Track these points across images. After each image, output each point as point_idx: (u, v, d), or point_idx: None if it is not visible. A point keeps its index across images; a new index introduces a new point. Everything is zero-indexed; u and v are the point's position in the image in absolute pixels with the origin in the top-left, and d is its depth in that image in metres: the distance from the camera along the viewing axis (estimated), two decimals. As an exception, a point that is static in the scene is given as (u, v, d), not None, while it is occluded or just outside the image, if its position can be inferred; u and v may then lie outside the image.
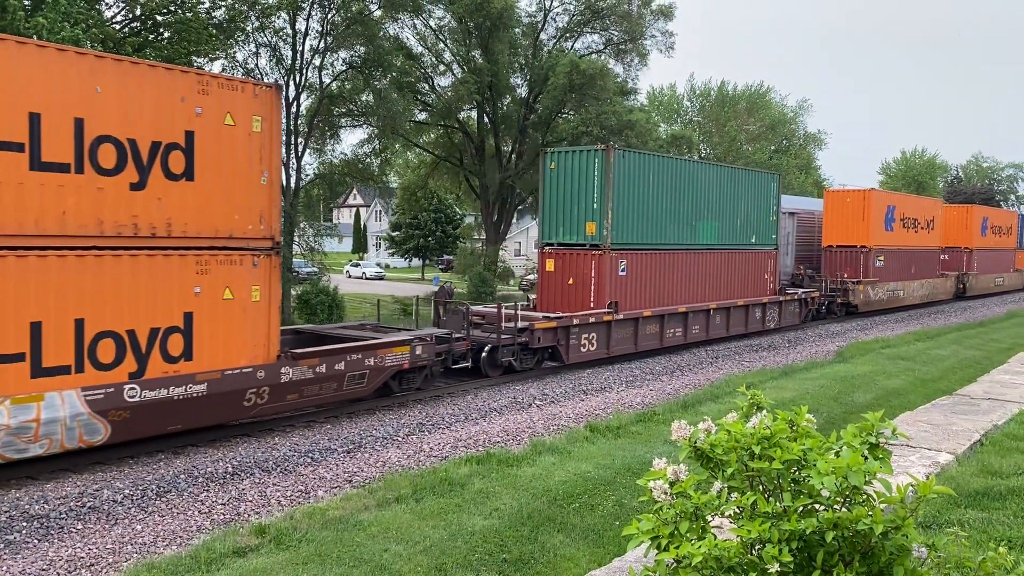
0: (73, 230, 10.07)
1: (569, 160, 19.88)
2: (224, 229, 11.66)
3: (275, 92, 12.28)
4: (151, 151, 10.78)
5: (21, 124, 9.58)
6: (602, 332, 19.26)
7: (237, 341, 11.84)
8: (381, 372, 14.16)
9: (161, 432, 11.27)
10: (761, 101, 57.83)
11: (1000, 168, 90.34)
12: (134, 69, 10.68)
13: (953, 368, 19.31)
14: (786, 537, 3.28)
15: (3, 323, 9.46)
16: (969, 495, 7.50)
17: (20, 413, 9.53)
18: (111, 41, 21.08)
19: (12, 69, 9.48)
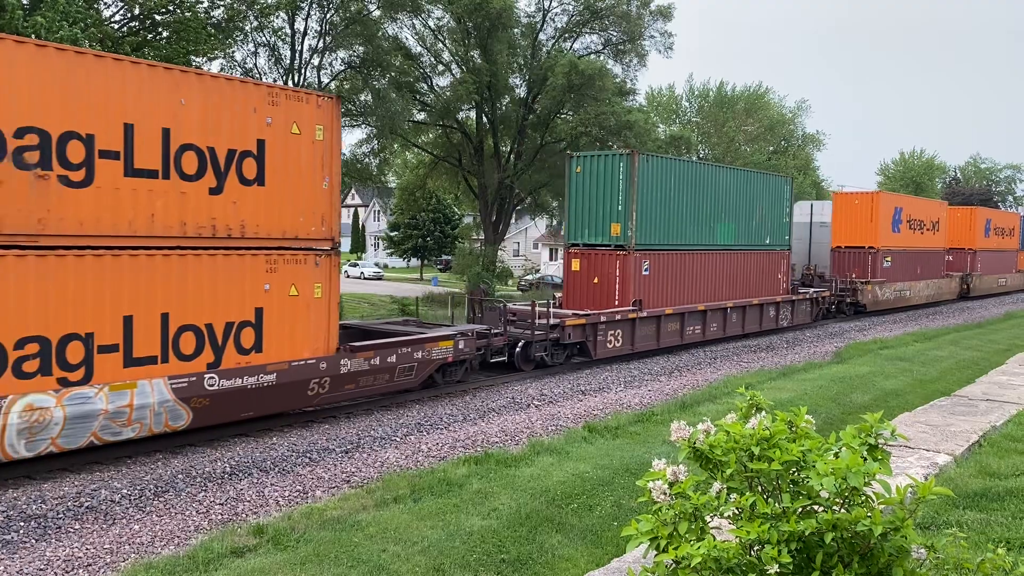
0: (160, 231, 10.96)
1: (595, 164, 20.68)
2: (291, 230, 12.58)
3: (335, 103, 13.23)
4: (227, 158, 11.68)
5: (118, 134, 10.47)
6: (627, 329, 20.05)
7: (301, 335, 12.79)
8: (428, 365, 15.04)
9: (234, 419, 12.10)
10: (760, 102, 57.85)
11: (998, 169, 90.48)
12: (214, 82, 11.63)
13: (951, 369, 19.32)
14: (785, 538, 3.28)
15: (101, 316, 10.38)
16: (968, 496, 7.50)
17: (116, 399, 10.47)
18: (109, 40, 21.06)
19: (111, 84, 10.38)
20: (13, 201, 9.55)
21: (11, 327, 9.59)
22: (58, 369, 10.02)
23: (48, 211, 9.87)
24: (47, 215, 9.87)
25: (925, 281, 36.15)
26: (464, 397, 15.74)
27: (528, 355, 18.13)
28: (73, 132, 10.08)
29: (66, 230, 10.04)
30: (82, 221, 10.17)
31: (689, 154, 46.08)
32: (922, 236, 36.05)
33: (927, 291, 36.43)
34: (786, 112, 61.28)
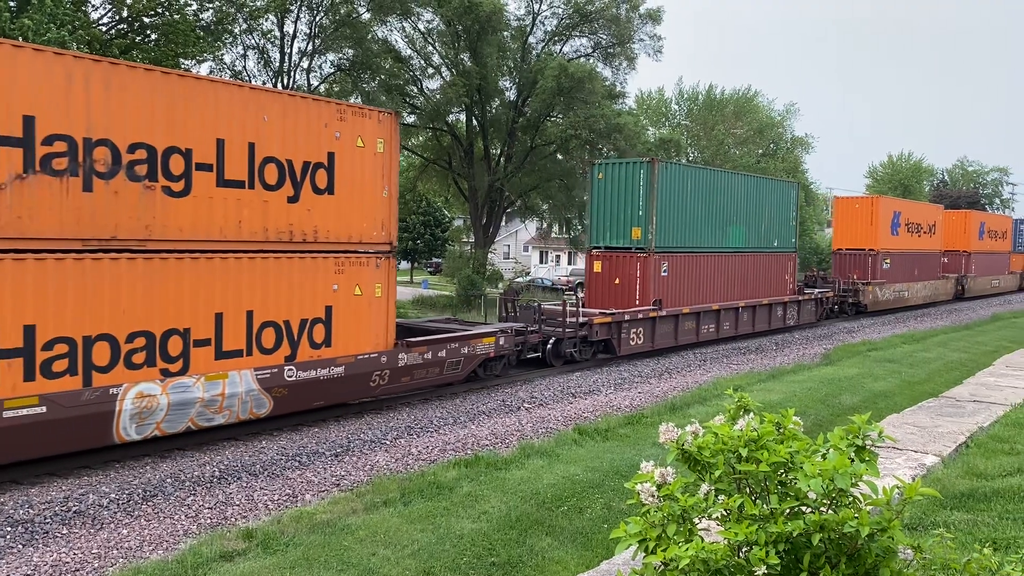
0: (246, 236, 12.05)
1: (616, 171, 21.86)
2: (356, 235, 13.71)
3: (393, 118, 14.32)
4: (303, 169, 12.79)
5: (211, 149, 11.56)
6: (648, 327, 21.07)
7: (365, 331, 13.89)
8: (473, 360, 16.14)
9: (307, 407, 13.17)
10: (749, 105, 58.01)
11: (985, 172, 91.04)
12: (291, 100, 12.77)
13: (939, 370, 19.42)
14: (773, 539, 3.29)
15: (196, 314, 11.46)
16: (955, 497, 7.55)
17: (211, 388, 11.60)
18: (97, 43, 20.96)
19: (206, 103, 11.45)
20: (126, 210, 10.64)
21: (123, 323, 10.68)
22: (161, 361, 11.11)
23: (154, 218, 10.94)
24: (153, 222, 10.93)
25: (922, 282, 37.28)
26: (454, 400, 15.73)
27: (559, 351, 19.14)
28: (175, 147, 11.13)
29: (168, 236, 11.11)
30: (181, 227, 11.25)
31: (679, 157, 46.19)
32: (919, 239, 37.16)
33: (924, 292, 37.55)
34: (775, 115, 61.50)
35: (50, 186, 9.95)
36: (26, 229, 9.76)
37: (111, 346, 10.56)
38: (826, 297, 30.31)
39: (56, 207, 10.02)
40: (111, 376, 10.56)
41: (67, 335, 10.14)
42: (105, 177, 10.44)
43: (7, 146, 9.56)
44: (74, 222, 10.19)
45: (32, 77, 9.76)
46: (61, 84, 9.99)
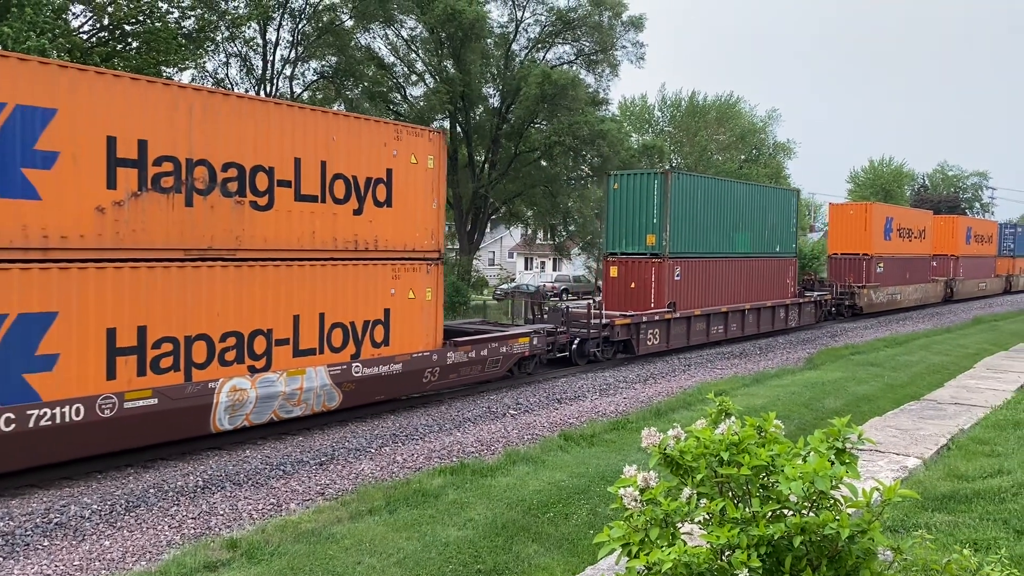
0: (319, 245, 13.28)
1: (631, 181, 23.17)
2: (409, 244, 14.94)
3: (442, 137, 15.68)
4: (365, 184, 14.03)
5: (290, 166, 12.79)
6: (663, 328, 22.36)
7: (417, 331, 15.13)
8: (510, 358, 17.43)
9: (370, 401, 14.45)
10: (731, 111, 58.39)
11: (965, 176, 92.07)
12: (356, 122, 14.06)
13: (921, 374, 19.58)
14: (755, 543, 3.31)
15: (277, 316, 12.67)
16: (936, 499, 7.61)
17: (291, 383, 12.79)
18: (78, 51, 20.84)
19: (284, 124, 12.74)
20: (220, 222, 11.84)
21: (217, 324, 11.85)
22: (248, 359, 12.29)
23: (243, 230, 12.14)
24: (242, 233, 12.13)
25: (914, 285, 38.68)
26: (440, 407, 15.70)
27: (584, 351, 20.27)
28: (260, 166, 12.35)
29: (254, 245, 12.32)
30: (265, 238, 12.47)
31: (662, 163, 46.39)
32: (910, 244, 38.60)
33: (916, 295, 38.97)
34: (757, 121, 61.93)
35: (159, 202, 11.15)
36: (140, 240, 10.94)
37: (207, 345, 11.77)
38: (824, 300, 31.61)
39: (164, 220, 11.21)
40: (207, 372, 11.76)
41: (172, 335, 11.35)
42: (203, 193, 11.67)
43: (125, 167, 10.75)
44: (178, 234, 11.37)
45: (145, 105, 10.94)
46: (168, 111, 11.20)
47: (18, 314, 9.76)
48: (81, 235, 10.32)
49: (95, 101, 10.43)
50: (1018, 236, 57.21)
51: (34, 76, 9.92)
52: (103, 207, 10.53)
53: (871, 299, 34.23)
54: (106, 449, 10.82)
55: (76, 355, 10.31)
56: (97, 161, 10.49)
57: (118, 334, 10.71)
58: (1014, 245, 56.21)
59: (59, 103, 10.08)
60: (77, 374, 10.33)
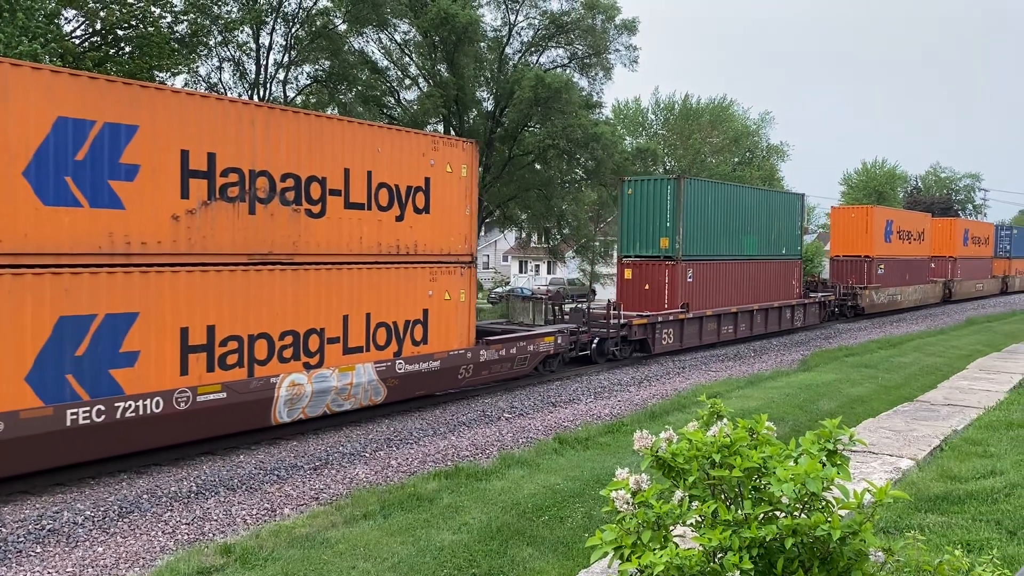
0: (365, 250, 14.20)
1: (645, 187, 24.13)
2: (445, 248, 15.85)
3: (474, 147, 16.63)
4: (406, 193, 14.95)
5: (340, 177, 13.69)
6: (677, 328, 23.21)
7: (453, 330, 16.03)
8: (537, 356, 18.32)
9: (411, 396, 15.26)
10: (724, 114, 58.48)
11: (957, 178, 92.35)
12: (397, 134, 15.02)
13: (915, 375, 19.63)
14: (747, 544, 3.32)
15: (329, 316, 13.53)
16: (929, 500, 7.63)
17: (343, 378, 13.71)
18: (70, 56, 20.79)
19: (335, 137, 13.62)
20: (279, 229, 12.73)
21: (276, 323, 12.73)
22: (303, 356, 13.16)
23: (299, 236, 13.04)
24: (298, 239, 13.03)
25: (913, 286, 39.67)
26: (434, 411, 15.68)
27: (603, 350, 21.14)
28: (314, 176, 13.24)
29: (309, 250, 13.21)
30: (319, 243, 13.34)
31: (656, 166, 46.47)
32: (910, 246, 39.62)
33: (915, 295, 39.98)
34: (750, 124, 62.06)
35: (226, 210, 12.01)
36: (209, 246, 11.80)
37: (268, 343, 12.66)
38: (828, 300, 32.59)
39: (230, 227, 12.06)
40: (268, 368, 12.65)
41: (237, 334, 12.22)
42: (264, 202, 12.54)
43: (197, 178, 11.60)
44: (242, 240, 12.26)
45: (213, 120, 11.79)
46: (233, 125, 12.08)
47: (105, 314, 10.62)
48: (159, 241, 11.20)
49: (170, 117, 11.28)
50: (1014, 238, 58.38)
51: (119, 95, 10.73)
52: (178, 215, 11.45)
53: (872, 300, 35.08)
54: (181, 439, 11.66)
55: (154, 352, 11.19)
56: (172, 173, 11.36)
57: (190, 333, 11.60)
58: (1010, 246, 57.35)
59: (140, 120, 10.92)
60: (155, 370, 11.20)
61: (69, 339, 10.26)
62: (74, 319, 10.29)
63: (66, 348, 10.25)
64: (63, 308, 10.19)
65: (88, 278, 10.41)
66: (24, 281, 9.86)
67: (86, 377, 10.44)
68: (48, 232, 10.06)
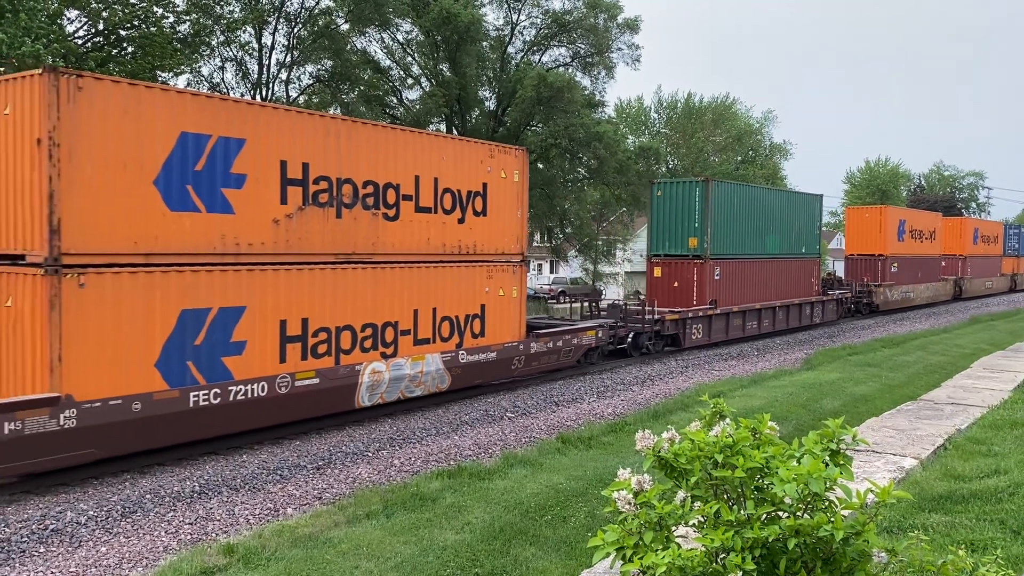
0: (432, 250, 15.51)
1: (674, 189, 25.37)
2: (500, 248, 17.19)
3: (525, 153, 18.01)
4: (467, 197, 16.24)
5: (411, 183, 14.97)
6: (706, 324, 24.40)
7: (506, 324, 17.34)
8: (580, 349, 19.48)
9: (471, 385, 16.66)
10: (727, 112, 58.37)
11: (961, 176, 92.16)
12: (460, 143, 16.47)
13: (919, 374, 19.59)
14: (749, 545, 3.30)
15: (401, 310, 14.87)
16: (933, 499, 7.61)
17: (415, 367, 15.03)
18: (73, 56, 20.81)
19: (407, 147, 14.91)
20: (360, 231, 14.04)
21: (358, 317, 14.06)
22: (380, 346, 14.49)
23: (377, 238, 14.36)
24: (377, 240, 14.35)
25: (925, 284, 40.86)
26: (437, 410, 15.68)
27: (638, 344, 22.30)
28: (390, 183, 14.54)
29: (385, 250, 14.55)
30: (393, 244, 14.67)
31: (658, 165, 46.39)
32: (922, 244, 40.71)
33: (927, 293, 41.20)
34: (753, 122, 61.95)
35: (317, 215, 13.33)
36: (303, 247, 13.12)
37: (351, 334, 13.95)
38: (845, 297, 33.79)
39: (320, 230, 13.38)
40: (351, 357, 13.94)
41: (326, 325, 13.50)
42: (349, 207, 13.83)
43: (293, 186, 12.92)
44: (331, 241, 13.57)
45: (305, 133, 13.07)
46: (323, 137, 13.36)
47: (219, 308, 11.92)
48: (262, 242, 12.52)
49: (271, 131, 12.57)
50: (1022, 236, 59.39)
51: (230, 112, 12.05)
52: (277, 219, 12.76)
53: (887, 297, 36.25)
54: (280, 420, 12.98)
55: (258, 342, 12.47)
56: (273, 181, 12.67)
57: (288, 325, 12.91)
58: (1018, 245, 58.38)
59: (247, 134, 12.22)
60: (259, 358, 12.50)
61: (190, 330, 11.56)
62: (194, 312, 11.61)
63: (187, 338, 11.54)
64: (185, 302, 11.50)
65: (205, 275, 11.73)
66: (154, 278, 11.18)
67: (203, 364, 11.75)
68: (173, 235, 11.36)
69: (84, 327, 10.46)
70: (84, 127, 10.41)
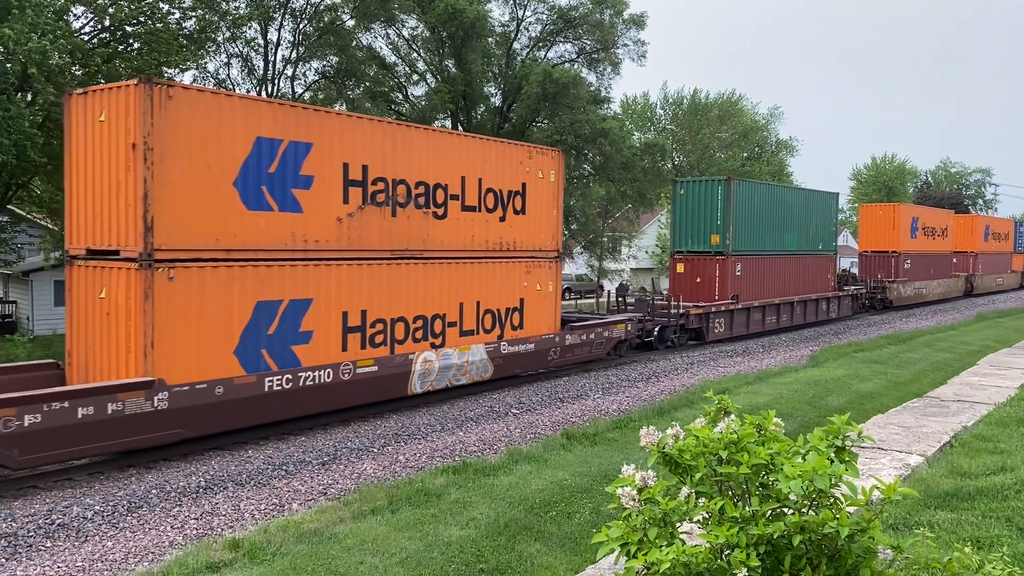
0: (476, 247, 16.48)
1: (697, 188, 26.16)
2: (537, 244, 18.16)
3: (561, 155, 19.03)
4: (508, 196, 17.21)
5: (458, 183, 15.96)
6: (728, 318, 25.28)
7: (543, 317, 18.34)
8: (610, 342, 20.36)
9: (511, 374, 17.67)
10: (733, 109, 58.20)
11: (968, 173, 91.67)
12: (502, 146, 17.32)
13: (925, 371, 19.54)
14: (754, 542, 3.30)
15: (448, 303, 15.81)
16: (939, 496, 7.59)
17: (461, 357, 16.07)
18: (79, 52, 20.84)
19: (454, 150, 15.90)
20: (413, 229, 15.02)
21: (410, 309, 15.03)
22: (430, 337, 15.47)
23: (428, 235, 15.30)
24: (427, 238, 15.30)
25: (937, 280, 41.75)
26: (442, 407, 15.69)
27: (664, 337, 23.25)
28: (439, 183, 15.47)
29: (435, 247, 15.51)
30: (442, 241, 15.62)
31: (664, 161, 46.29)
32: (934, 241, 41.60)
33: (939, 289, 41.99)
34: (759, 119, 61.77)
35: (375, 213, 14.30)
36: (362, 243, 14.07)
37: (404, 326, 14.94)
38: (860, 293, 34.59)
39: (377, 228, 14.34)
40: (404, 347, 14.91)
41: (382, 317, 14.50)
42: (402, 206, 14.78)
43: (354, 186, 13.85)
44: (387, 238, 14.53)
45: (364, 137, 14.04)
46: (380, 141, 14.31)
47: (289, 300, 12.90)
48: (327, 239, 13.45)
49: (335, 135, 13.49)
50: None
51: (299, 118, 12.99)
52: (340, 217, 13.68)
53: (900, 293, 37.18)
54: (341, 405, 13.92)
55: (323, 332, 13.43)
56: (337, 182, 13.59)
57: (349, 316, 13.87)
58: None
59: (314, 138, 13.15)
60: (323, 346, 13.45)
61: (264, 320, 12.53)
62: (267, 304, 12.59)
63: (261, 327, 12.51)
64: (260, 294, 12.47)
65: (277, 270, 12.69)
66: (234, 272, 12.12)
67: (275, 351, 12.73)
68: (250, 232, 12.32)
69: (173, 317, 11.39)
70: (173, 133, 11.30)
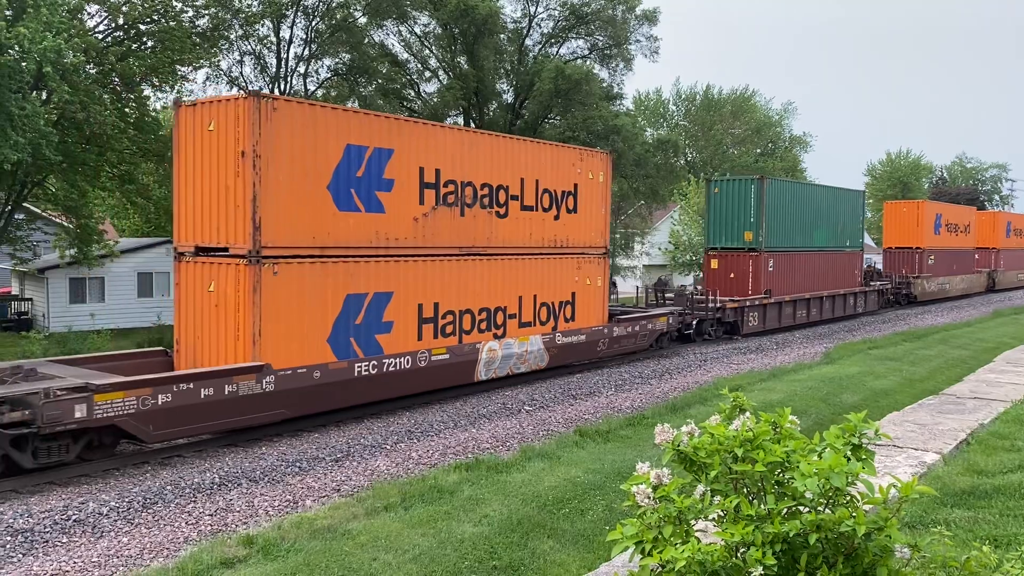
0: (533, 244, 17.71)
1: (730, 186, 27.12)
2: (587, 241, 19.30)
3: (609, 156, 20.21)
4: (561, 196, 18.39)
5: (517, 184, 17.13)
6: (761, 312, 26.23)
7: (593, 310, 19.48)
8: (653, 334, 21.42)
9: (564, 363, 18.74)
10: (746, 104, 57.99)
11: (984, 168, 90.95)
12: (556, 149, 18.54)
13: (940, 368, 19.39)
14: (770, 540, 3.27)
15: (509, 296, 17.03)
16: (956, 494, 7.52)
17: (521, 347, 17.25)
18: (94, 51, 20.96)
19: (513, 153, 17.06)
20: (479, 227, 16.22)
21: (476, 302, 16.25)
22: (493, 328, 16.64)
23: (492, 233, 16.56)
24: (491, 236, 16.55)
25: (960, 276, 42.40)
26: (455, 403, 15.71)
27: (702, 330, 24.37)
28: (501, 185, 16.66)
29: (497, 244, 16.72)
30: (503, 239, 16.82)
31: (677, 158, 46.13)
32: (957, 237, 42.28)
33: (962, 284, 42.63)
34: (772, 115, 61.48)
35: (446, 214, 15.47)
36: (435, 241, 15.29)
37: (471, 317, 16.10)
38: (885, 288, 35.51)
39: (448, 227, 15.53)
40: (471, 337, 16.09)
41: (452, 309, 15.68)
42: (469, 206, 15.94)
43: (428, 189, 15.02)
44: (456, 236, 15.73)
45: (437, 143, 15.22)
46: (451, 146, 15.52)
47: (374, 292, 14.11)
48: (405, 237, 14.66)
49: (412, 141, 14.66)
50: None
51: (381, 126, 14.22)
52: (416, 217, 14.85)
53: (924, 288, 37.82)
54: (417, 390, 15.08)
55: (402, 322, 14.65)
56: (414, 185, 14.77)
57: (423, 308, 15.06)
58: None
59: (394, 144, 14.32)
60: (402, 336, 14.67)
61: (352, 311, 13.71)
62: (355, 296, 13.76)
63: (351, 318, 13.68)
64: (349, 288, 13.66)
65: (363, 265, 13.88)
66: (327, 268, 13.32)
67: (362, 340, 13.89)
68: (341, 231, 13.51)
69: (276, 308, 12.57)
70: (277, 141, 12.46)
